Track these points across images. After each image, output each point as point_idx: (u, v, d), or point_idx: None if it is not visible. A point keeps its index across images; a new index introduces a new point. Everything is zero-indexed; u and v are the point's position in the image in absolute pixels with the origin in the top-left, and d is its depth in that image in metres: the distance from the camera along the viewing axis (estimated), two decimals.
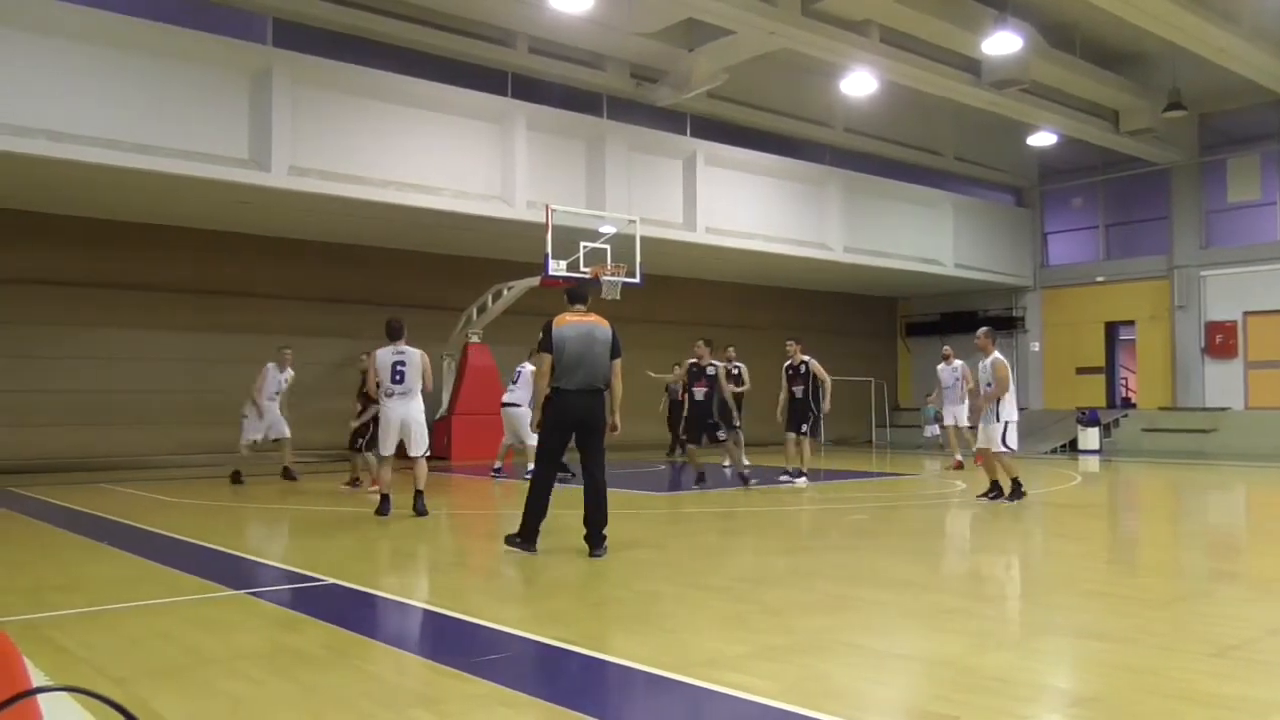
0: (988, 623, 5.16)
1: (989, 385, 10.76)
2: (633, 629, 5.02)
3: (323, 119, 14.82)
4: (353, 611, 5.53)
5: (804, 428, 13.18)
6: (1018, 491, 10.83)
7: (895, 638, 4.86)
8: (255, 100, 14.22)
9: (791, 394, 13.41)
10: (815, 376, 13.21)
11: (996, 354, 10.82)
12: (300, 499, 11.73)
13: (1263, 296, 22.24)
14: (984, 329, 11.30)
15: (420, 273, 19.58)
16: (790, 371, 13.46)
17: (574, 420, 7.32)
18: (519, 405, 13.75)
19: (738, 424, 16.06)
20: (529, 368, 13.69)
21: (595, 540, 7.21)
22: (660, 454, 18.61)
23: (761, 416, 17.16)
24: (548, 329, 7.40)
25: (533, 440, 13.25)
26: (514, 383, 14.13)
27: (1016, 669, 4.24)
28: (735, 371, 16.07)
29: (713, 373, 13.19)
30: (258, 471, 15.62)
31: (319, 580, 6.28)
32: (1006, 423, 10.58)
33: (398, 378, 9.73)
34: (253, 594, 5.82)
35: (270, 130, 14.14)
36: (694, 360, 13.34)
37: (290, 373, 13.88)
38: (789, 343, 13.61)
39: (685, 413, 13.77)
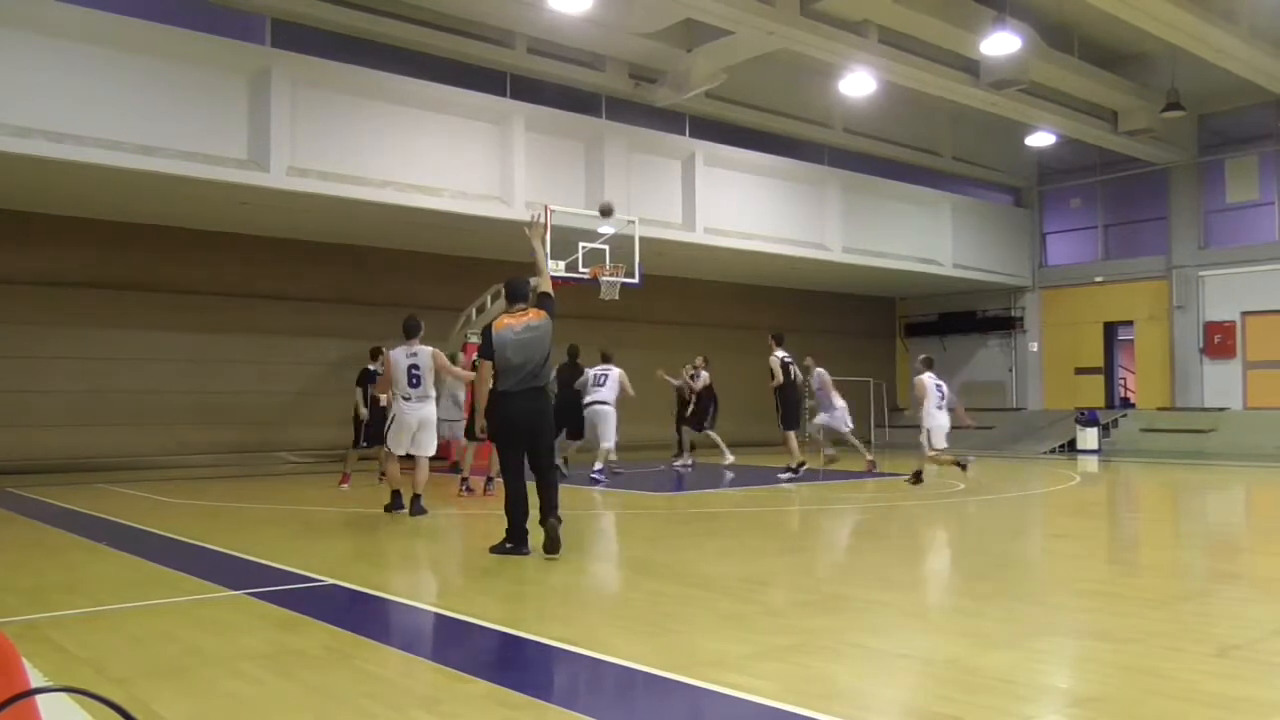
0: (989, 622, 5.15)
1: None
2: (634, 629, 5.01)
3: (321, 119, 14.81)
4: (353, 612, 5.52)
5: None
6: (919, 478, 13.28)
7: (897, 638, 4.86)
8: (254, 101, 14.21)
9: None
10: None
11: (915, 377, 13.56)
12: (300, 500, 11.72)
13: (1261, 297, 22.26)
14: (919, 360, 14.03)
15: (419, 273, 19.57)
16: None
17: (523, 424, 7.16)
18: (607, 404, 13.95)
19: (706, 426, 16.70)
20: (616, 371, 14.12)
21: (549, 512, 7.12)
22: (666, 454, 18.67)
23: (760, 415, 17.22)
24: (486, 333, 7.31)
25: (610, 442, 13.53)
26: (599, 384, 14.27)
27: (1018, 669, 4.23)
28: (690, 376, 16.81)
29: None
30: (254, 471, 15.62)
31: (320, 581, 6.27)
32: (928, 429, 13.07)
33: (414, 381, 9.61)
34: (253, 595, 5.81)
35: (269, 131, 14.13)
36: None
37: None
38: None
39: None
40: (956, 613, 5.38)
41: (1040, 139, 22.86)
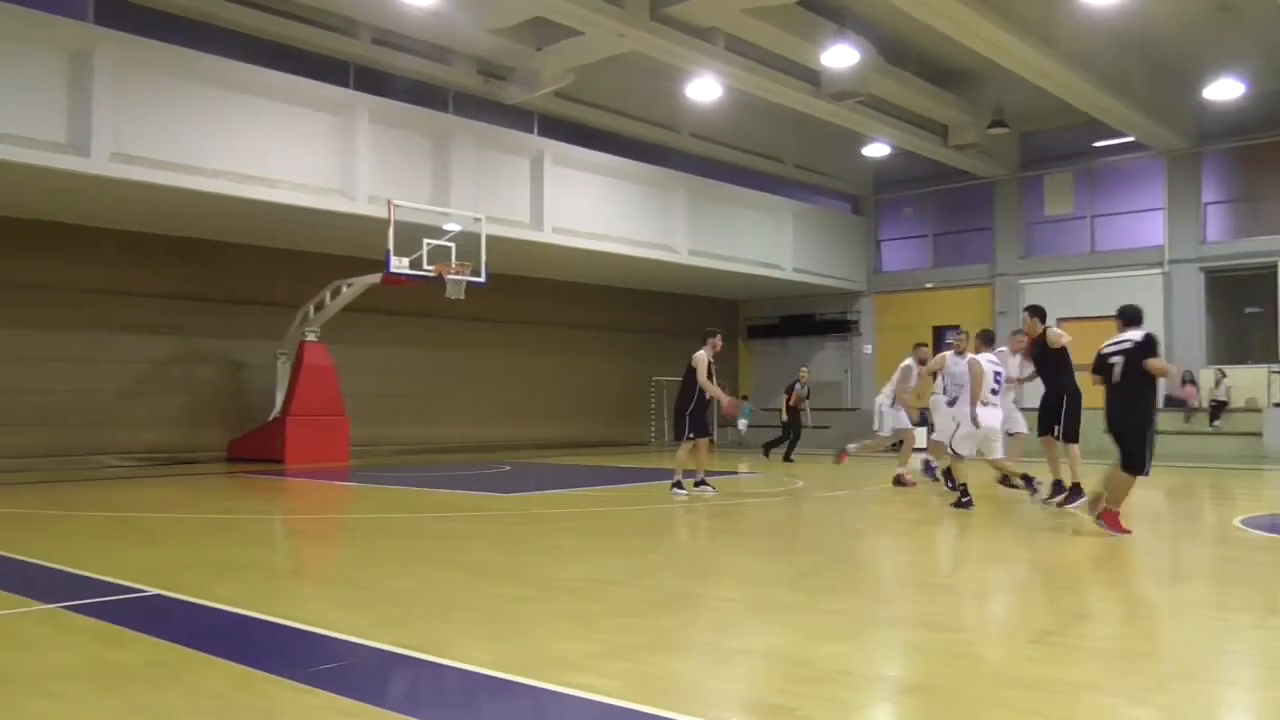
0: (824, 616, 5.32)
1: None
2: (477, 633, 4.96)
3: (151, 104, 14.07)
4: (181, 624, 5.26)
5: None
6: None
7: (737, 633, 4.97)
8: (74, 81, 13.38)
9: None
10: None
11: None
12: (122, 506, 11.08)
13: (1074, 304, 23.78)
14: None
15: (256, 268, 18.83)
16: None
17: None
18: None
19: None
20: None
21: None
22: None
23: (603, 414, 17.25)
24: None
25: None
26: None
27: (851, 660, 4.40)
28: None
29: None
30: (71, 476, 14.68)
31: (143, 591, 5.94)
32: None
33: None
34: (68, 608, 5.45)
35: (90, 114, 13.34)
36: None
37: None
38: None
39: None
40: (794, 607, 5.55)
41: (876, 149, 23.86)
